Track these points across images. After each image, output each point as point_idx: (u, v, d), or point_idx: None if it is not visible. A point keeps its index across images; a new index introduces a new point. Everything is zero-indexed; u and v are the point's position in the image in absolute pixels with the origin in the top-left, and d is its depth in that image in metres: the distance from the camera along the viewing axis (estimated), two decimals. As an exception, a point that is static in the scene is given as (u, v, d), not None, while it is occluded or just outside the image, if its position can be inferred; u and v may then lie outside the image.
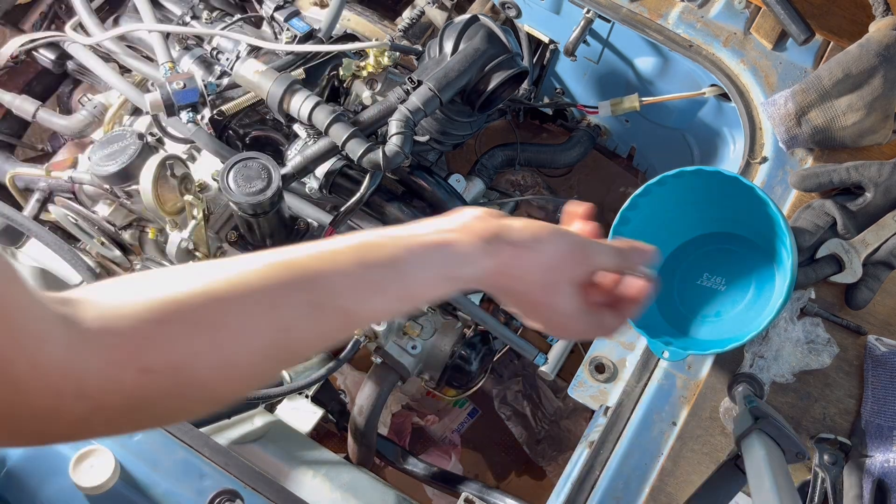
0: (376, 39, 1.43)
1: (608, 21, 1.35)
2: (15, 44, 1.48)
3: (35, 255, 1.45)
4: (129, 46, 1.45)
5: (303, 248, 0.53)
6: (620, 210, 1.08)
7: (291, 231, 1.32)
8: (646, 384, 1.09)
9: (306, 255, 0.52)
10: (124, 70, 1.46)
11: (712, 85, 1.33)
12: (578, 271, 0.65)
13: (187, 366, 0.47)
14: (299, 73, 1.27)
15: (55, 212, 1.37)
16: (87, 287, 0.50)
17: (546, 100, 1.66)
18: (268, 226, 1.24)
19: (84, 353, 0.44)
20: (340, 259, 0.52)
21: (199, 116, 1.26)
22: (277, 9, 1.37)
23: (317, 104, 1.20)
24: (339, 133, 1.18)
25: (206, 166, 1.40)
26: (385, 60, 1.35)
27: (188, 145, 1.39)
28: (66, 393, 0.43)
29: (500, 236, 0.59)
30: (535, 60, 1.57)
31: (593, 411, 1.18)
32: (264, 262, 0.51)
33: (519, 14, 1.46)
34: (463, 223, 0.59)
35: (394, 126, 1.19)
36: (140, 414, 0.48)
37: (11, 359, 0.41)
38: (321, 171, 1.27)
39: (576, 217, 0.72)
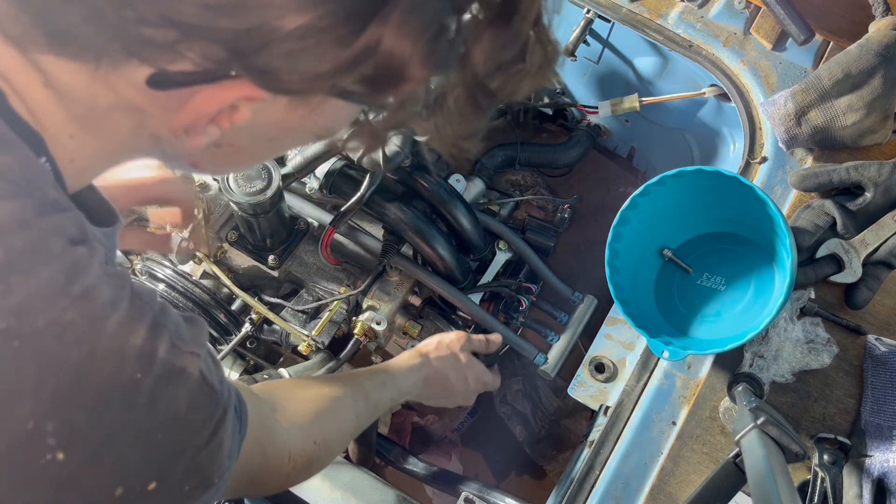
0: (376, 39, 1.43)
1: (608, 21, 1.35)
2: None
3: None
4: (130, 46, 1.45)
5: (364, 377, 0.99)
6: (620, 210, 1.08)
7: (291, 231, 1.32)
8: (646, 384, 1.09)
9: (368, 382, 0.98)
10: (124, 70, 1.46)
11: (712, 85, 1.33)
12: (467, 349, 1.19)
13: (328, 439, 0.85)
14: (299, 72, 1.27)
15: (55, 211, 1.36)
16: (268, 386, 0.87)
17: (546, 100, 1.66)
18: (268, 225, 1.24)
19: (292, 436, 0.78)
20: (374, 386, 0.99)
21: (199, 116, 1.26)
22: (278, 9, 1.37)
23: (317, 104, 1.19)
24: (340, 133, 1.18)
25: (207, 166, 1.40)
26: (385, 60, 1.35)
27: (188, 145, 1.39)
28: (284, 461, 0.76)
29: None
30: (535, 60, 1.57)
31: (593, 411, 1.18)
32: (351, 385, 0.94)
33: (519, 14, 1.46)
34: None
35: (394, 126, 1.18)
36: (308, 471, 0.82)
37: (279, 462, 0.75)
38: (321, 170, 1.27)
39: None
